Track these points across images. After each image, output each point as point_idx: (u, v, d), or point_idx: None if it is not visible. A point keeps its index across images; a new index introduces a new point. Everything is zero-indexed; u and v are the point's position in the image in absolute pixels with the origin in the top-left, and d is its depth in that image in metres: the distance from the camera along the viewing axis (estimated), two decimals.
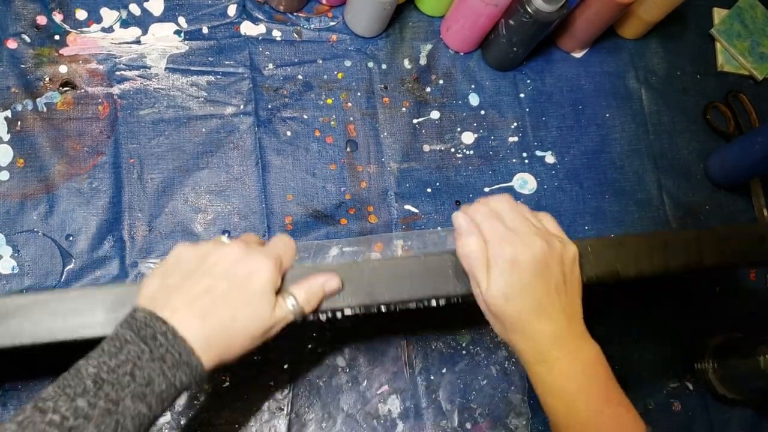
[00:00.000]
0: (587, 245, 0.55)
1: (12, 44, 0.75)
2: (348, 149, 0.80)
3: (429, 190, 0.80)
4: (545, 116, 0.87)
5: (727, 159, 0.88)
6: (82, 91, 0.76)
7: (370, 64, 0.84)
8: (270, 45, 0.82)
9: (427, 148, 0.82)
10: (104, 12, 0.79)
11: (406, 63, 0.85)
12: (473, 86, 0.86)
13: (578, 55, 0.91)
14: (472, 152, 0.83)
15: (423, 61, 0.86)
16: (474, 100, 0.86)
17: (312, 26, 0.84)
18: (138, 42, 0.78)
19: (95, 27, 0.78)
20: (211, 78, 0.79)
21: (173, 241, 0.73)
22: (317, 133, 0.80)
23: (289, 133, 0.79)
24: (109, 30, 0.78)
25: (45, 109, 0.74)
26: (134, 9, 0.79)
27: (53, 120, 0.74)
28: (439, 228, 0.79)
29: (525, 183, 0.83)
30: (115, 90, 0.76)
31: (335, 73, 0.83)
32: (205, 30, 0.81)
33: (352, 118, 0.81)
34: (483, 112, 0.85)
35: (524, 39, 0.80)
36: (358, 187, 0.79)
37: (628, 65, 0.92)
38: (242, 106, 0.79)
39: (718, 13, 0.97)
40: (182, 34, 0.80)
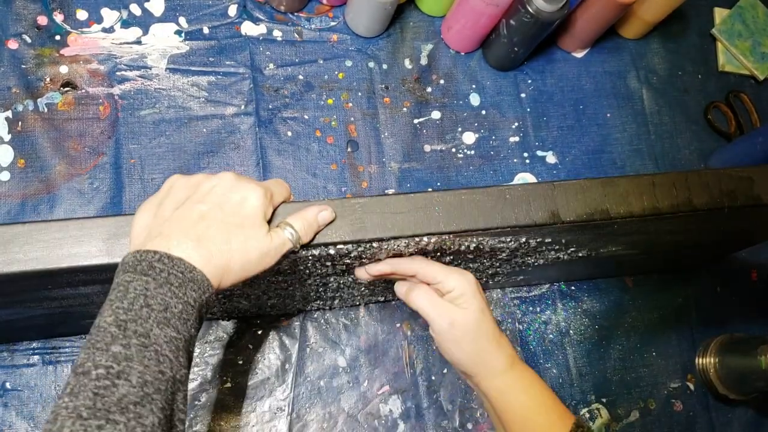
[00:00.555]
0: (577, 185, 0.55)
1: (13, 45, 0.75)
2: (349, 149, 0.80)
3: (430, 190, 0.80)
4: (546, 116, 0.87)
5: (728, 159, 0.88)
6: (83, 91, 0.76)
7: (371, 64, 0.84)
8: (271, 45, 0.82)
9: (428, 148, 0.82)
10: (105, 12, 0.79)
11: (407, 63, 0.85)
12: (474, 86, 0.86)
13: (579, 55, 0.91)
14: (473, 152, 0.83)
15: (424, 61, 0.85)
16: (475, 100, 0.86)
17: (313, 26, 0.83)
18: (139, 42, 0.78)
19: (96, 27, 0.78)
20: (212, 78, 0.79)
21: None
22: (318, 134, 0.80)
23: (289, 134, 0.79)
24: (110, 30, 0.78)
25: (46, 110, 0.74)
26: (135, 9, 0.79)
27: (54, 120, 0.74)
28: None
29: (526, 183, 0.83)
30: (116, 90, 0.76)
31: (336, 73, 0.83)
32: (205, 30, 0.81)
33: (352, 118, 0.81)
34: (484, 112, 0.85)
35: (525, 39, 0.80)
36: (359, 187, 0.79)
37: (629, 65, 0.92)
38: (243, 107, 0.79)
39: (719, 13, 0.97)
40: (183, 35, 0.80)
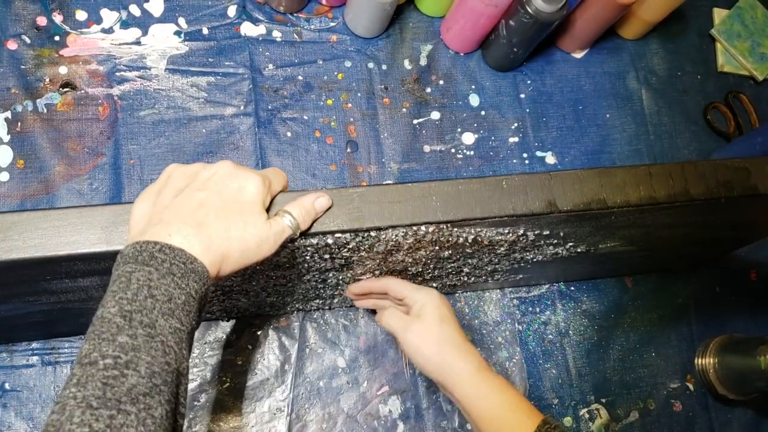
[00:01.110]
0: (574, 175, 0.55)
1: (12, 45, 0.75)
2: (348, 150, 0.80)
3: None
4: (545, 117, 0.87)
5: None
6: (82, 92, 0.76)
7: (371, 65, 0.84)
8: (270, 46, 0.82)
9: (427, 148, 0.82)
10: (104, 13, 0.79)
11: (407, 63, 0.85)
12: (473, 87, 0.86)
13: (578, 55, 0.91)
14: (472, 153, 0.83)
15: (423, 62, 0.86)
16: (474, 100, 0.86)
17: (312, 27, 0.83)
18: (138, 43, 0.78)
19: (95, 28, 0.78)
20: (211, 79, 0.79)
21: None
22: (317, 134, 0.80)
23: (289, 134, 0.79)
24: (109, 31, 0.78)
25: (45, 110, 0.74)
26: (134, 10, 0.79)
27: (53, 121, 0.74)
28: None
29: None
30: (115, 91, 0.76)
31: (335, 73, 0.83)
32: (205, 31, 0.81)
33: (352, 119, 0.81)
34: (483, 112, 0.85)
35: (524, 39, 0.80)
36: None
37: (628, 66, 0.92)
38: (242, 107, 0.79)
39: (719, 14, 0.97)
40: (182, 35, 0.80)
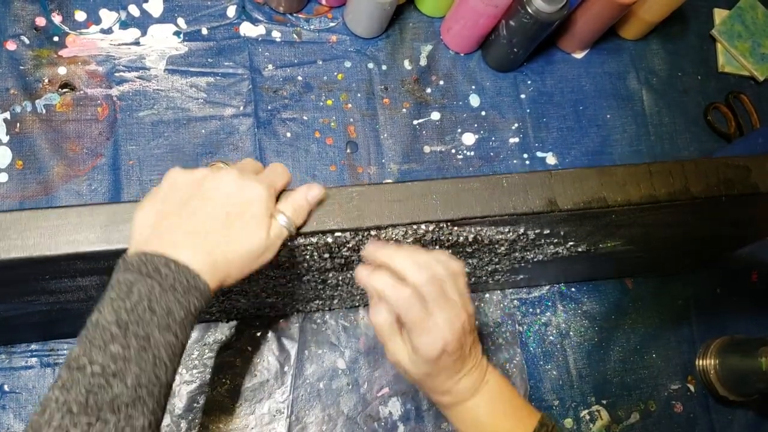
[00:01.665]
0: (574, 173, 0.55)
1: (11, 46, 0.75)
2: (348, 150, 0.80)
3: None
4: (546, 117, 0.87)
5: None
6: (81, 92, 0.75)
7: (370, 65, 0.84)
8: (269, 46, 0.81)
9: (427, 149, 0.82)
10: (103, 13, 0.78)
11: (407, 64, 0.85)
12: (474, 87, 0.86)
13: (579, 56, 0.91)
14: (472, 153, 0.83)
15: (423, 62, 0.85)
16: (474, 101, 0.85)
17: (312, 27, 0.83)
18: (137, 43, 0.78)
19: (94, 28, 0.78)
20: (211, 79, 0.79)
21: None
22: (317, 135, 0.80)
23: (288, 135, 0.79)
24: (108, 31, 0.78)
25: (44, 111, 0.74)
26: (133, 10, 0.79)
27: (52, 122, 0.74)
28: None
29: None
30: (114, 91, 0.76)
31: (335, 74, 0.82)
32: (204, 31, 0.80)
33: (352, 119, 0.81)
34: (484, 113, 0.85)
35: (525, 40, 0.79)
36: None
37: (628, 66, 0.92)
38: (242, 108, 0.79)
39: (719, 14, 0.97)
40: (181, 35, 0.80)
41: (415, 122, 0.83)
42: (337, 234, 0.52)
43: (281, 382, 0.72)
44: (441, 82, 0.85)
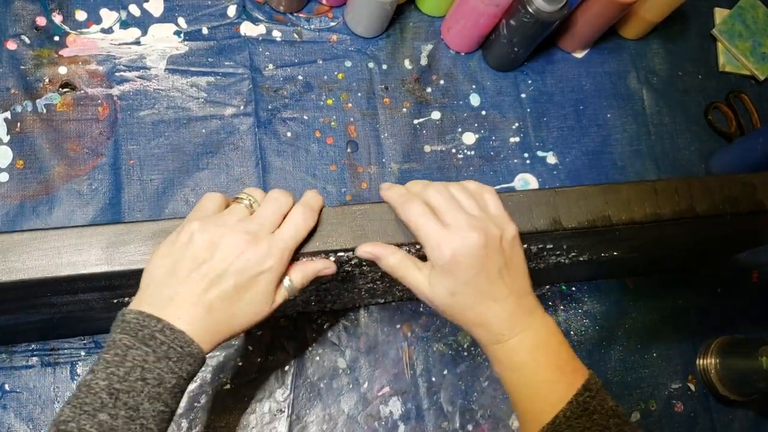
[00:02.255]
0: (579, 191, 0.55)
1: (11, 45, 0.75)
2: (348, 150, 0.80)
3: None
4: (546, 117, 0.87)
5: (728, 160, 0.87)
6: (82, 92, 0.75)
7: (371, 65, 0.84)
8: (270, 45, 0.81)
9: (428, 148, 0.82)
10: (104, 13, 0.78)
11: (407, 63, 0.85)
12: (474, 87, 0.86)
13: (579, 55, 0.91)
14: (473, 153, 0.83)
15: (424, 62, 0.85)
16: (475, 100, 0.85)
17: (312, 26, 0.83)
18: (138, 43, 0.78)
19: (95, 28, 0.78)
20: (211, 79, 0.79)
21: None
22: (317, 134, 0.80)
23: (289, 134, 0.79)
24: (109, 31, 0.78)
25: (44, 111, 0.74)
26: (134, 10, 0.79)
27: (53, 121, 0.74)
28: None
29: (527, 183, 0.83)
30: (115, 91, 0.76)
31: (335, 73, 0.82)
32: (204, 30, 0.80)
33: (352, 119, 0.81)
34: (484, 112, 0.85)
35: (525, 39, 0.79)
36: (359, 188, 0.79)
37: (629, 65, 0.92)
38: (242, 107, 0.79)
39: (720, 14, 0.97)
40: (182, 35, 0.80)
41: (416, 122, 0.83)
42: (340, 253, 0.52)
43: (282, 381, 0.72)
44: (441, 82, 0.85)
